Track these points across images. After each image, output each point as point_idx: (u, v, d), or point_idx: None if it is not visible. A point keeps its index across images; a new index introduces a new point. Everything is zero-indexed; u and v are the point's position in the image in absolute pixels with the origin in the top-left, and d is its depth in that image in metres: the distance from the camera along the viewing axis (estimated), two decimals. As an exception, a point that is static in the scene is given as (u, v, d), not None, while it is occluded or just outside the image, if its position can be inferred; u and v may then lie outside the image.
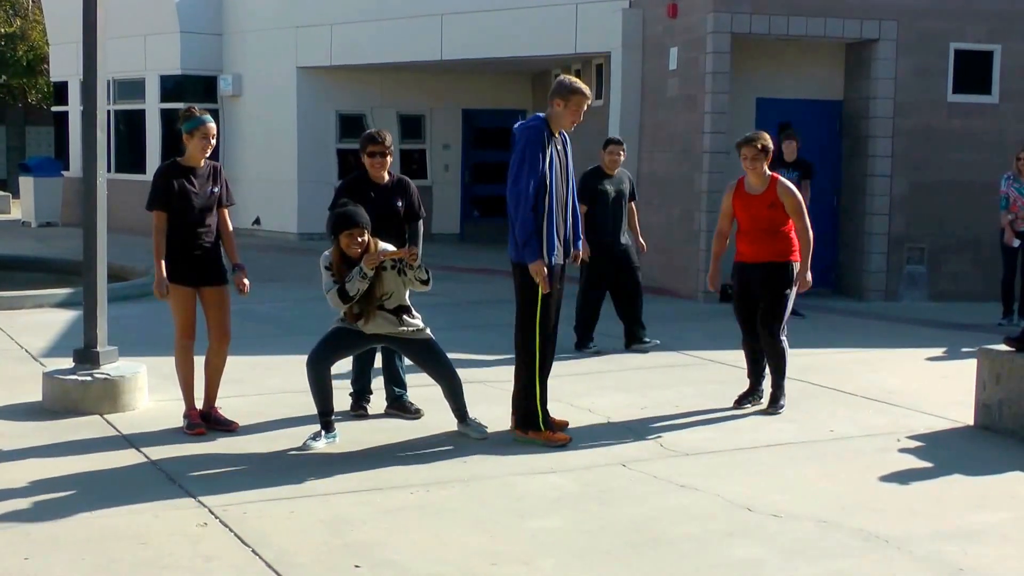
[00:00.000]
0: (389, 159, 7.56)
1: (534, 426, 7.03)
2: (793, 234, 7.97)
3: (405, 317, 7.00)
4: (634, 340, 10.31)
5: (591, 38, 16.47)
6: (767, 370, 8.14)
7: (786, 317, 8.03)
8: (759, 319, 8.01)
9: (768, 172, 8.01)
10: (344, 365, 7.62)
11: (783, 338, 8.04)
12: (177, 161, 7.24)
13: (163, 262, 7.08)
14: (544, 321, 6.98)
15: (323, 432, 6.92)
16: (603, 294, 10.33)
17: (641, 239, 10.73)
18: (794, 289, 7.96)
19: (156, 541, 5.17)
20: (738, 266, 8.14)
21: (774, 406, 7.98)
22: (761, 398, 8.15)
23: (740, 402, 8.12)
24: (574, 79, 7.18)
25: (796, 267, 7.96)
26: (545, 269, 6.85)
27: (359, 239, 6.76)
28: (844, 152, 14.58)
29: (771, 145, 8.02)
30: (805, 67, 14.60)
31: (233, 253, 7.40)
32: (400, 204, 7.51)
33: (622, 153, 10.45)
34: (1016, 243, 12.32)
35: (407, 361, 7.68)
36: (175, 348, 7.30)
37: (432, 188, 20.69)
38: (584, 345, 10.19)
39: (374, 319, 6.92)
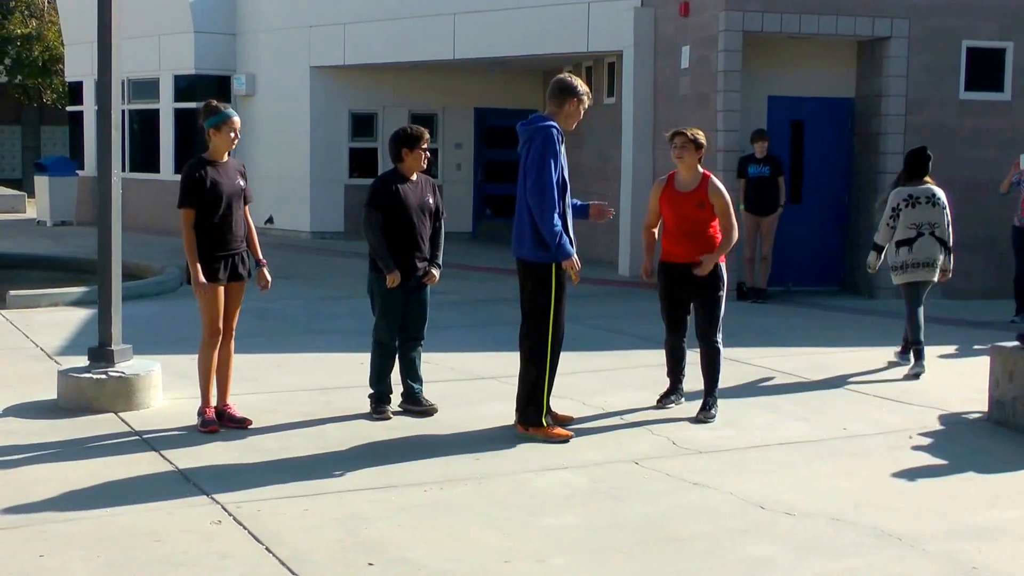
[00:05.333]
0: None
1: (535, 422, 7.06)
2: (718, 233, 7.69)
3: None
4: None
5: (603, 37, 16.46)
6: (708, 370, 7.79)
7: (721, 320, 7.80)
8: (696, 327, 7.81)
9: (701, 169, 7.78)
10: (361, 370, 7.59)
11: (718, 340, 7.78)
12: (203, 157, 7.22)
13: (198, 261, 7.01)
14: (557, 321, 7.07)
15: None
16: None
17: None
18: (724, 290, 7.77)
19: (170, 538, 5.19)
20: (664, 265, 7.87)
21: (705, 413, 7.62)
22: (683, 396, 7.94)
23: (663, 401, 7.91)
24: (575, 78, 7.21)
25: (724, 267, 7.77)
26: (578, 264, 7.01)
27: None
28: (855, 149, 14.55)
29: (704, 141, 7.78)
30: (817, 65, 14.57)
31: (256, 250, 7.39)
32: (430, 200, 7.66)
33: None
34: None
35: (423, 358, 7.75)
36: (202, 345, 7.21)
37: (444, 187, 20.70)
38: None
39: None
